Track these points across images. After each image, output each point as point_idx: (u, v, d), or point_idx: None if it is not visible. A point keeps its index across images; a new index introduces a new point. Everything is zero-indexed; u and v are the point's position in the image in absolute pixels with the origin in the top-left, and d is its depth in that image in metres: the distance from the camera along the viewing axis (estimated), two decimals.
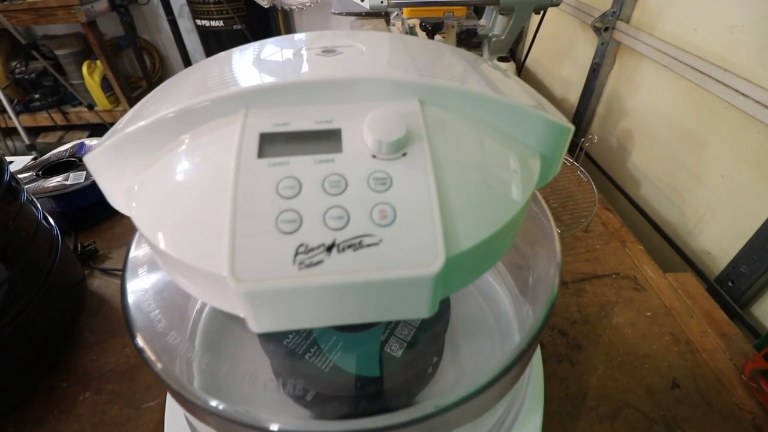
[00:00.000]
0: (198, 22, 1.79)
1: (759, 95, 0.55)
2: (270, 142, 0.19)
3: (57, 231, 0.49)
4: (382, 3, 0.79)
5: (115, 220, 0.66)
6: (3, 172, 0.42)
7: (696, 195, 0.70)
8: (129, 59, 2.03)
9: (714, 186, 0.67)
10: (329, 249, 0.17)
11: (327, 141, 0.19)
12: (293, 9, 1.71)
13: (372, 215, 0.17)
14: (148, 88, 2.02)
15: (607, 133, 0.93)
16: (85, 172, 0.63)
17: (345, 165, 0.19)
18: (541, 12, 0.87)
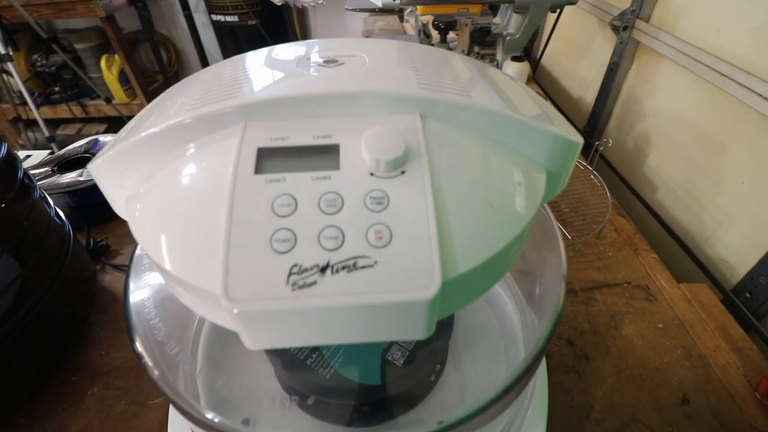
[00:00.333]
0: (213, 17, 1.80)
1: None
2: (267, 157, 0.19)
3: (69, 227, 0.50)
4: (395, 1, 0.78)
5: None
6: (16, 170, 0.43)
7: (714, 202, 0.68)
8: (146, 53, 2.06)
9: (733, 193, 0.65)
10: (323, 270, 0.17)
11: (325, 157, 0.19)
12: (306, 7, 1.70)
13: (367, 236, 0.17)
14: (164, 82, 2.05)
15: (624, 135, 0.91)
16: None
17: (342, 183, 0.18)
18: (558, 10, 0.85)
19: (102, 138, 0.71)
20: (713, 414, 0.41)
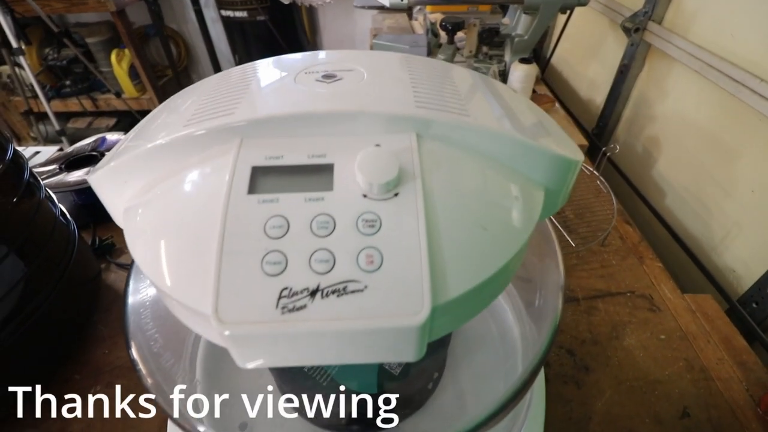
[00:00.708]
0: (223, 12, 1.81)
1: None
2: (262, 175, 0.19)
3: (74, 227, 0.51)
4: (402, 1, 0.77)
5: None
6: (23, 171, 0.44)
7: (723, 209, 0.67)
8: (156, 48, 2.06)
9: (743, 201, 0.63)
10: (313, 294, 0.17)
11: (319, 176, 0.19)
12: (314, 6, 1.70)
13: (358, 260, 0.17)
14: (173, 77, 2.06)
15: (633, 139, 0.90)
16: None
17: (334, 204, 0.18)
18: (568, 11, 0.84)
19: (109, 136, 0.71)
20: (714, 429, 0.41)
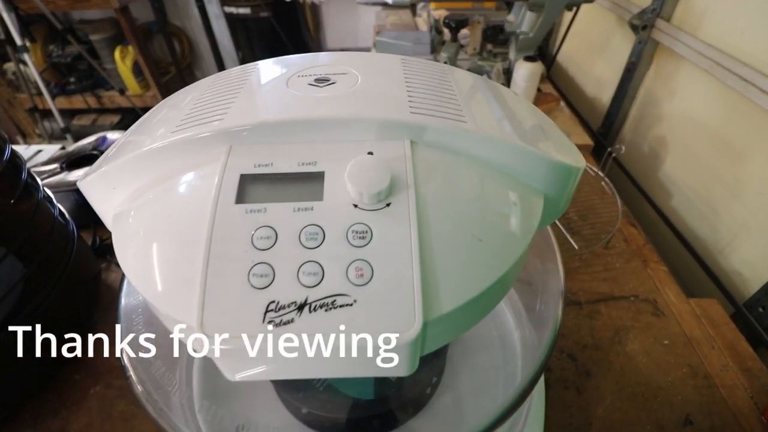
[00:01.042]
0: (226, 8, 1.80)
1: None
2: (250, 183, 0.19)
3: (73, 227, 0.51)
4: None
5: None
6: (20, 172, 0.43)
7: (731, 211, 0.66)
8: (159, 44, 2.06)
9: (751, 203, 0.62)
10: (300, 308, 0.16)
11: (309, 185, 0.18)
12: (316, 3, 1.69)
13: (348, 273, 0.17)
14: (176, 73, 2.06)
15: (639, 139, 0.88)
16: None
17: (324, 215, 0.18)
18: (574, 8, 0.82)
19: (110, 135, 0.71)
20: None
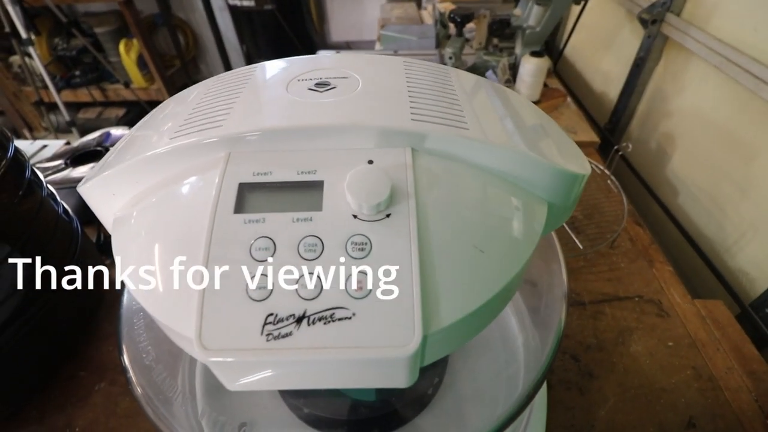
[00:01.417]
0: (230, 1, 1.79)
1: None
2: (249, 192, 0.18)
3: (77, 224, 0.51)
4: None
5: None
6: (24, 170, 0.43)
7: (739, 210, 0.65)
8: (164, 37, 2.06)
9: (760, 202, 0.61)
10: (299, 321, 0.16)
11: (308, 195, 0.18)
12: None
13: (347, 285, 0.16)
14: (181, 66, 2.05)
15: (647, 135, 0.87)
16: None
17: (323, 226, 0.17)
18: (582, 2, 0.81)
19: (114, 131, 0.71)
20: None
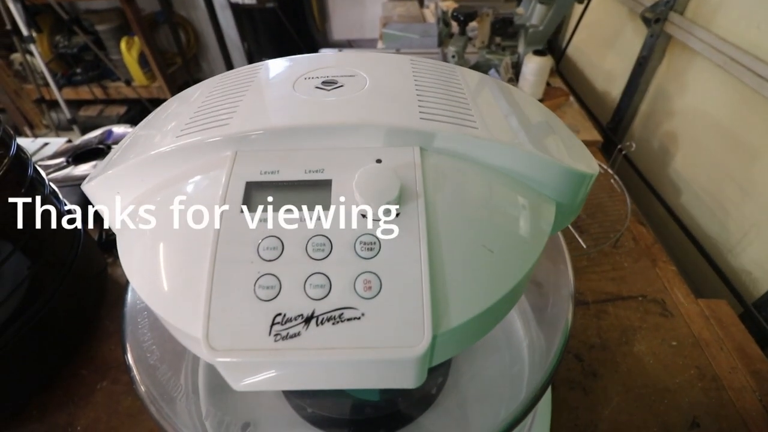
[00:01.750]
0: None
1: None
2: (256, 191, 0.18)
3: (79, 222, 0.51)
4: None
5: None
6: (26, 168, 0.43)
7: (742, 210, 0.65)
8: (165, 35, 2.05)
9: (763, 202, 0.61)
10: (307, 321, 0.16)
11: (316, 194, 0.18)
12: None
13: (355, 286, 0.16)
14: (183, 64, 2.05)
15: (649, 134, 0.87)
16: None
17: (331, 225, 0.17)
18: (585, 0, 0.81)
19: (115, 129, 0.71)
20: None
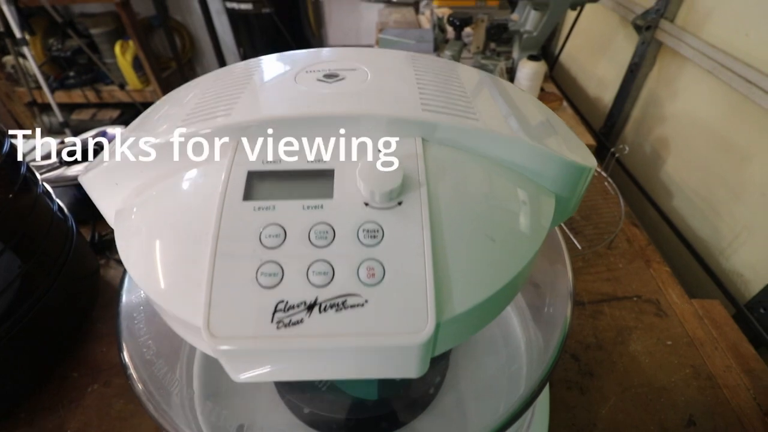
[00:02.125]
0: (227, 4, 1.79)
1: None
2: (258, 180, 0.18)
3: (72, 222, 0.50)
4: None
5: None
6: (19, 166, 0.43)
7: (733, 212, 0.66)
8: (160, 39, 2.05)
9: (753, 204, 0.62)
10: (310, 308, 0.16)
11: (318, 182, 0.18)
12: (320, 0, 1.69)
13: (359, 273, 0.16)
14: (177, 69, 2.05)
15: (641, 139, 0.88)
16: None
17: (334, 213, 0.17)
18: (578, 8, 0.82)
19: (110, 129, 0.70)
20: None
